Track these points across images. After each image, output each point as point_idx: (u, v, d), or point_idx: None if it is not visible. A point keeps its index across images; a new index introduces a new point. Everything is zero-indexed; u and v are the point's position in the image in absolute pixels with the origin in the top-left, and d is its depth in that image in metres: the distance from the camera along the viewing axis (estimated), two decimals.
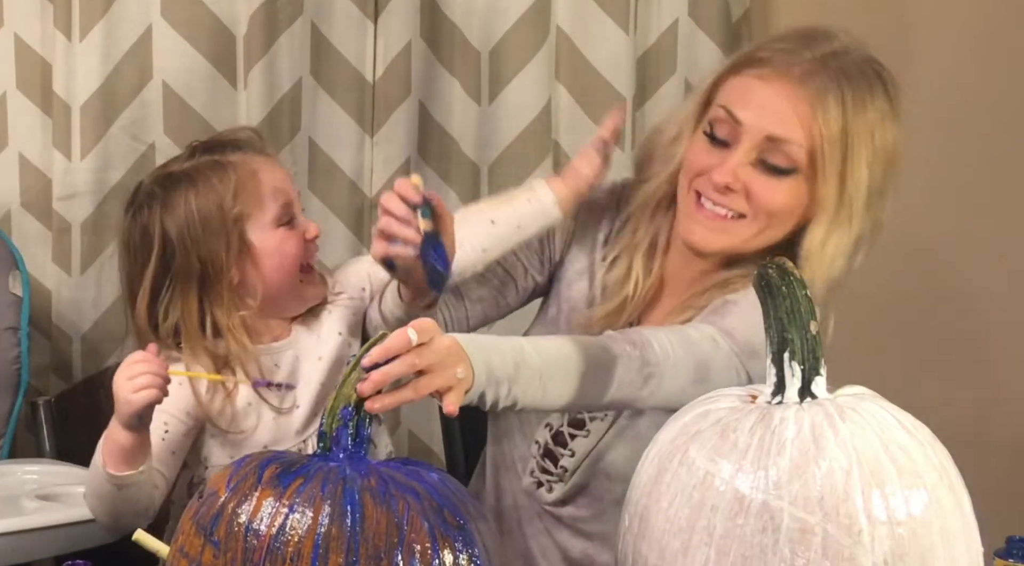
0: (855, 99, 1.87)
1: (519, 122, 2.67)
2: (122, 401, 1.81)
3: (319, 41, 2.61)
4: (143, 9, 2.54)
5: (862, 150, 1.87)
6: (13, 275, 2.43)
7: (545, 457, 2.06)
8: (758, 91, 1.89)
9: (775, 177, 1.88)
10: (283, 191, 1.97)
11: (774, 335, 1.47)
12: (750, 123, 1.88)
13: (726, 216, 1.91)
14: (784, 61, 1.89)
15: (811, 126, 1.86)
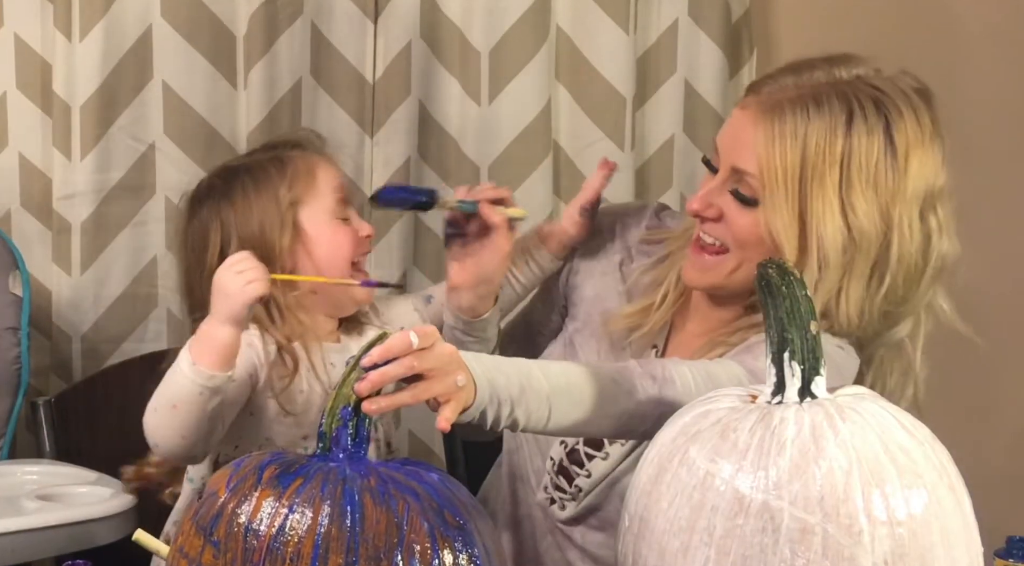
0: (822, 129, 1.78)
1: (519, 122, 2.66)
2: (233, 293, 1.84)
3: (319, 41, 2.61)
4: (143, 9, 2.53)
5: (827, 186, 1.78)
6: (13, 275, 2.43)
7: (559, 475, 2.03)
8: (735, 120, 1.87)
9: (744, 207, 1.83)
10: (339, 187, 2.02)
11: (774, 335, 1.47)
12: (722, 153, 1.87)
13: (712, 246, 1.87)
14: (768, 89, 1.84)
15: (764, 157, 1.79)
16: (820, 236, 1.79)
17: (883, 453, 1.40)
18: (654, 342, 2.00)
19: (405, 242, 2.66)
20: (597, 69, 2.69)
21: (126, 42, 2.53)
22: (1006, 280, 2.84)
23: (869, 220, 1.79)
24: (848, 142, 1.78)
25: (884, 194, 1.80)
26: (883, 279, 1.83)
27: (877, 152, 1.79)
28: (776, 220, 1.80)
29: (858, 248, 1.80)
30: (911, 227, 1.82)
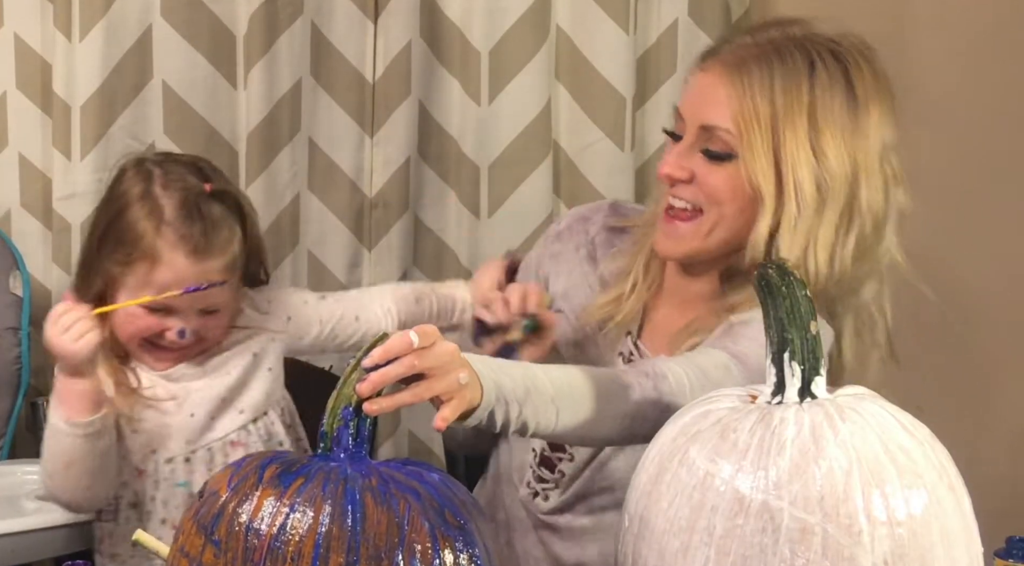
0: (786, 76, 1.84)
1: (519, 122, 2.66)
2: (67, 354, 1.85)
3: (319, 41, 2.61)
4: (143, 9, 2.54)
5: (798, 130, 1.84)
6: (13, 275, 2.43)
7: (541, 465, 2.05)
8: (696, 82, 1.92)
9: (716, 164, 1.87)
10: (171, 288, 1.93)
11: (774, 335, 1.47)
12: (687, 114, 1.91)
13: (684, 211, 1.90)
14: (727, 50, 1.90)
15: (737, 110, 1.85)
16: (797, 180, 1.84)
17: (883, 453, 1.40)
18: (628, 329, 2.02)
19: (405, 242, 2.66)
20: (597, 69, 2.69)
21: (126, 42, 2.54)
22: (1005, 280, 2.84)
23: (839, 164, 1.84)
24: (812, 90, 1.84)
25: (849, 140, 1.85)
26: (852, 225, 1.87)
27: (840, 100, 1.86)
28: (755, 168, 1.84)
29: (829, 192, 1.84)
30: (874, 173, 1.87)
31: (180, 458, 2.00)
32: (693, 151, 1.89)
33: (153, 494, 1.99)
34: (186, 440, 2.01)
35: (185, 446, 2.01)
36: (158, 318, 1.95)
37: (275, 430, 2.07)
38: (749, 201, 1.86)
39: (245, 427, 2.04)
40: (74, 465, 1.90)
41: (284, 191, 2.60)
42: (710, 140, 1.87)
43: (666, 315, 2.02)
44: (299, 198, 2.61)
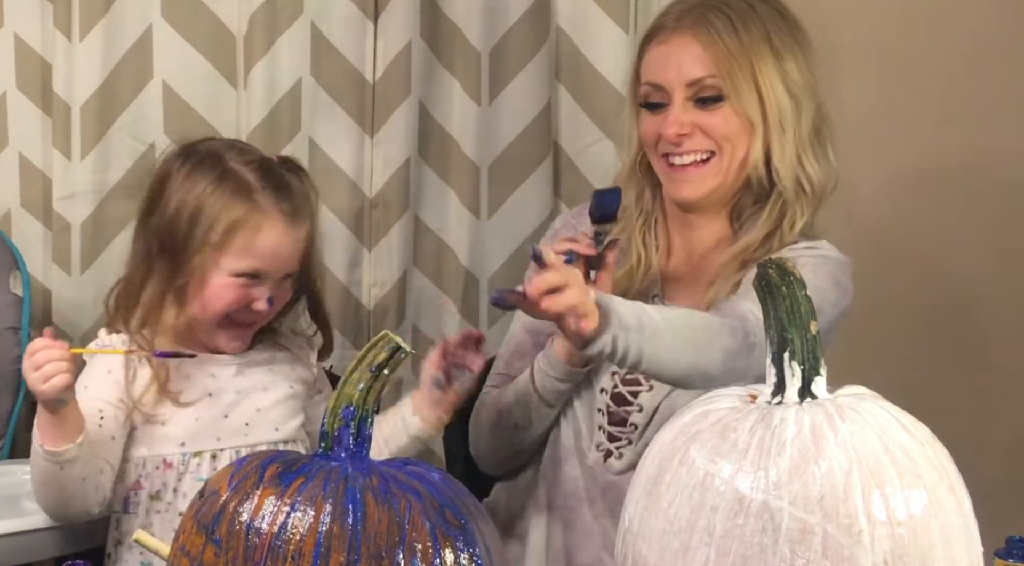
0: (740, 19, 2.07)
1: (519, 122, 2.67)
2: (39, 391, 1.87)
3: (319, 41, 2.61)
4: (143, 9, 2.54)
5: (766, 58, 2.06)
6: (14, 275, 2.43)
7: (612, 423, 2.10)
8: (663, 53, 2.10)
9: (712, 108, 2.06)
10: (268, 259, 2.01)
11: (774, 335, 1.47)
12: (670, 80, 2.08)
13: (698, 162, 2.08)
14: (674, 20, 2.10)
15: (715, 56, 2.05)
16: (776, 99, 2.07)
17: (883, 453, 1.40)
18: (653, 292, 2.13)
19: (405, 242, 2.66)
20: (597, 69, 2.69)
21: (126, 42, 2.54)
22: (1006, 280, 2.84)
23: (801, 77, 2.08)
24: (763, 23, 2.08)
25: (800, 56, 2.10)
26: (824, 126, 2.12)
27: (782, 25, 2.10)
28: (742, 99, 2.06)
29: (801, 102, 2.08)
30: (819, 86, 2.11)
31: (207, 455, 2.03)
32: (686, 108, 2.07)
33: (176, 486, 2.02)
34: (216, 437, 2.04)
35: (215, 443, 2.04)
36: (248, 289, 2.01)
37: None
38: (748, 131, 2.07)
39: (276, 444, 2.08)
40: (48, 487, 1.93)
41: None
42: (700, 90, 2.07)
43: (686, 272, 2.15)
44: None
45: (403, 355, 1.49)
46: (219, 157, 2.03)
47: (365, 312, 2.66)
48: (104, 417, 1.98)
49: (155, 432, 2.02)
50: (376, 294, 2.65)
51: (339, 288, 2.65)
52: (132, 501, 2.02)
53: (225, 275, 2.00)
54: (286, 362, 2.12)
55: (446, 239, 2.69)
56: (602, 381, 2.12)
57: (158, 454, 2.02)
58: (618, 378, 2.11)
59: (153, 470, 2.02)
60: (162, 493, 2.02)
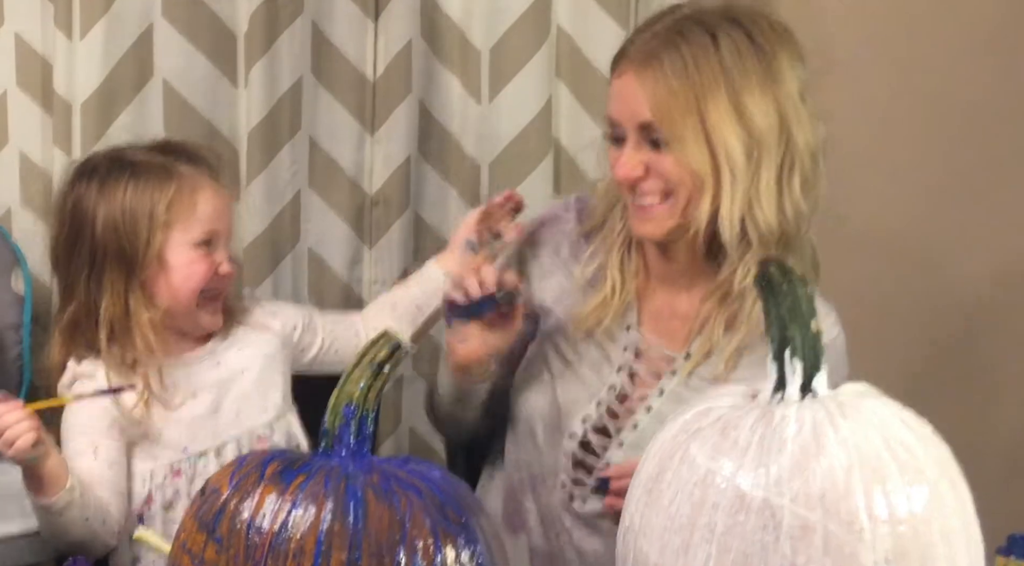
0: (696, 57, 1.92)
1: (520, 120, 2.67)
2: (9, 455, 1.88)
3: (319, 40, 2.61)
4: (143, 8, 2.54)
5: (718, 102, 1.92)
6: (15, 273, 2.43)
7: (577, 468, 2.07)
8: (618, 88, 2.00)
9: (665, 151, 1.95)
10: (214, 219, 2.06)
11: (775, 333, 1.47)
12: (622, 119, 1.98)
13: (654, 204, 1.98)
14: (634, 49, 1.99)
15: (659, 102, 1.93)
16: (727, 148, 1.92)
17: (884, 450, 1.40)
18: (626, 324, 2.08)
19: (405, 240, 2.66)
20: (597, 67, 2.69)
21: (127, 40, 2.54)
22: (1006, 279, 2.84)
23: (764, 117, 1.93)
24: (722, 59, 1.93)
25: (769, 91, 1.94)
26: (794, 167, 1.96)
27: (749, 58, 1.94)
28: (687, 153, 1.93)
29: (762, 147, 1.93)
30: (800, 112, 1.96)
31: (212, 452, 2.05)
32: (639, 147, 1.97)
33: (189, 489, 2.03)
34: (214, 433, 2.05)
35: (214, 439, 2.05)
36: (209, 259, 2.05)
37: (294, 431, 2.14)
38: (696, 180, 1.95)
39: (269, 424, 2.09)
40: (56, 535, 1.95)
41: (285, 189, 2.60)
42: (651, 132, 1.95)
43: (661, 299, 2.08)
44: (300, 196, 2.61)
45: (404, 352, 1.49)
46: (120, 158, 2.07)
47: None
48: (99, 449, 2.00)
49: (156, 443, 2.03)
50: (377, 292, 2.65)
51: (340, 286, 2.65)
52: (147, 516, 2.03)
53: (186, 250, 2.03)
54: (250, 333, 2.13)
55: (447, 237, 2.68)
56: (571, 426, 2.08)
57: (165, 463, 2.03)
58: (589, 424, 2.07)
59: (163, 480, 2.02)
60: (175, 502, 2.02)
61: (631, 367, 2.07)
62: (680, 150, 1.93)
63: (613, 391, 2.07)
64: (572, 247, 2.13)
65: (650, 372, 2.07)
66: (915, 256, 2.79)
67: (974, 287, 2.84)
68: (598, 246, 2.10)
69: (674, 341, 2.07)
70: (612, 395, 2.07)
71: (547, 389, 2.10)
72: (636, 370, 2.07)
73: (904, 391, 1.51)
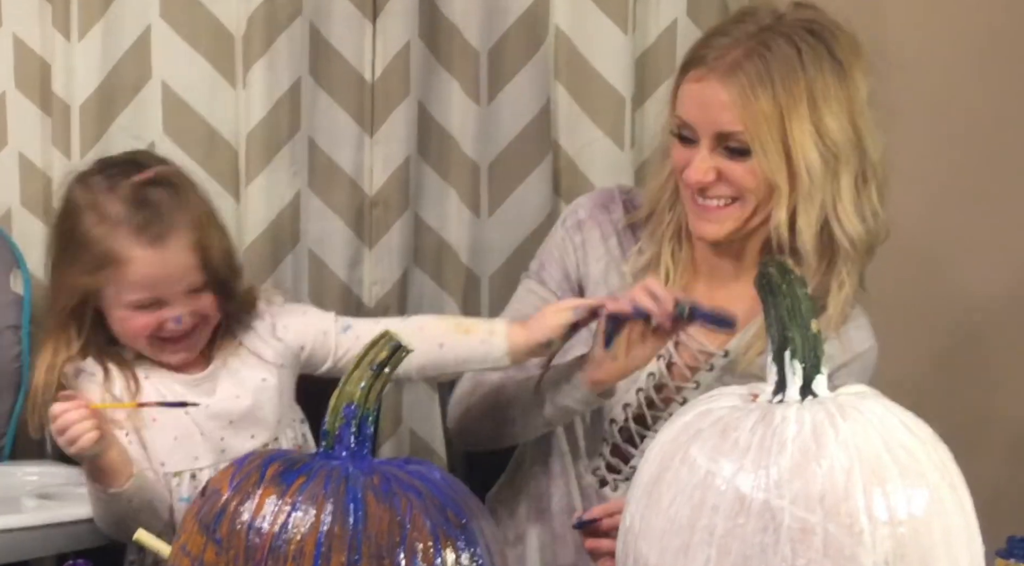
0: (780, 70, 1.97)
1: (518, 122, 2.67)
2: (72, 452, 1.91)
3: (318, 41, 2.61)
4: (142, 9, 2.53)
5: (801, 117, 1.96)
6: (14, 274, 2.43)
7: (615, 455, 2.10)
8: (697, 93, 2.02)
9: (740, 159, 1.99)
10: (152, 285, 2.00)
11: (775, 333, 1.47)
12: (699, 125, 2.01)
13: (720, 206, 2.02)
14: (714, 55, 2.00)
15: (745, 113, 1.96)
16: (807, 162, 1.97)
17: (885, 452, 1.40)
18: None
19: (405, 241, 2.66)
20: (596, 69, 2.69)
21: (125, 42, 2.53)
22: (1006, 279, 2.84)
23: (842, 133, 1.99)
24: (806, 73, 1.98)
25: (846, 106, 2.00)
26: (868, 178, 2.03)
27: (829, 73, 1.99)
28: (768, 163, 1.97)
29: (839, 160, 1.99)
30: (871, 124, 2.03)
31: (187, 474, 2.04)
32: (714, 153, 2.00)
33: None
34: (194, 456, 2.04)
35: (192, 462, 2.04)
36: (151, 313, 2.00)
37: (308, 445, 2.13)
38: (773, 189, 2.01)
39: (276, 440, 2.08)
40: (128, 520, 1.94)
41: (284, 190, 2.59)
42: (728, 140, 1.99)
43: (706, 294, 2.10)
44: (299, 197, 2.61)
45: (404, 353, 1.50)
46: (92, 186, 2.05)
47: (366, 311, 2.66)
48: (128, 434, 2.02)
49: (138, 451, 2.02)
50: (377, 293, 2.65)
51: (340, 287, 2.64)
52: None
53: (122, 309, 2.01)
54: (249, 358, 2.10)
55: (446, 238, 2.69)
56: (613, 412, 2.11)
57: None
58: (630, 412, 2.10)
59: None
60: None
61: (670, 356, 2.10)
62: (760, 161, 1.97)
63: (652, 379, 2.10)
64: (619, 237, 2.16)
65: (687, 365, 2.10)
66: (915, 255, 2.79)
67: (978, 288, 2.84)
68: (647, 238, 2.13)
69: (715, 337, 2.09)
70: (651, 383, 2.10)
71: None
72: (674, 360, 2.10)
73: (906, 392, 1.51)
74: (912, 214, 2.73)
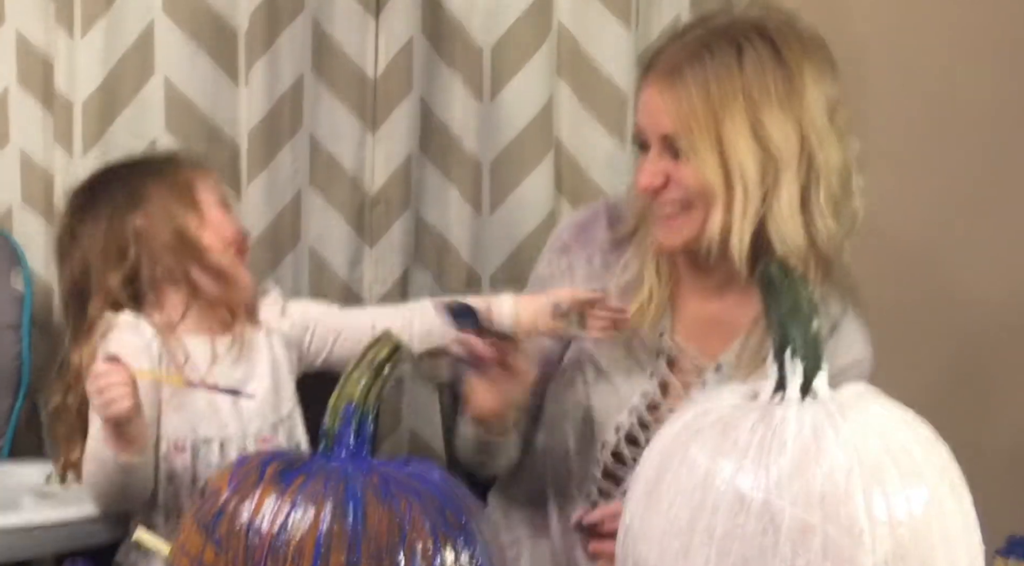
0: (719, 71, 1.93)
1: (521, 119, 2.66)
2: (101, 414, 1.93)
3: (320, 37, 2.61)
4: (144, 6, 2.54)
5: (737, 120, 1.92)
6: (15, 272, 2.43)
7: (606, 478, 2.09)
8: (644, 95, 2.01)
9: (683, 162, 1.96)
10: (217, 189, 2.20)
11: (776, 332, 1.47)
12: (646, 128, 2.00)
13: (672, 215, 1.99)
14: (661, 58, 2.00)
15: (678, 114, 1.94)
16: (740, 165, 1.92)
17: (884, 453, 1.39)
18: (660, 330, 2.08)
19: (406, 239, 2.66)
20: (599, 65, 2.68)
21: (128, 38, 2.54)
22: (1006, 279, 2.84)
23: (782, 135, 1.93)
24: (744, 73, 1.93)
25: (789, 109, 1.93)
26: (818, 186, 1.95)
27: (772, 73, 1.93)
28: (701, 166, 1.93)
29: (779, 163, 1.93)
30: (825, 131, 1.95)
31: (216, 442, 2.06)
32: (662, 157, 1.98)
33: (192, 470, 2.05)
34: (220, 424, 2.07)
35: (219, 431, 2.07)
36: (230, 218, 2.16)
37: (297, 432, 2.14)
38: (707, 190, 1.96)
39: (274, 425, 2.10)
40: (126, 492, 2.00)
41: (285, 188, 2.60)
42: (671, 144, 1.96)
43: (693, 307, 2.09)
44: (300, 195, 2.61)
45: (404, 353, 1.49)
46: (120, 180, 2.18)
47: None
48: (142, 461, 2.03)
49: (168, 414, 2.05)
50: (378, 292, 2.65)
51: (340, 285, 2.64)
52: None
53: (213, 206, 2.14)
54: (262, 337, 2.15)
55: (448, 236, 2.68)
56: (605, 434, 2.10)
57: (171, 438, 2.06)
58: (622, 433, 2.09)
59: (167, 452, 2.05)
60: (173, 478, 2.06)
61: (663, 375, 2.08)
62: (695, 163, 1.94)
63: (645, 398, 2.08)
64: (604, 256, 2.13)
65: (682, 382, 2.09)
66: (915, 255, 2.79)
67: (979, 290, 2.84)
68: (632, 253, 2.11)
69: (706, 349, 2.08)
70: (644, 402, 2.08)
71: (581, 396, 2.11)
72: (668, 380, 2.09)
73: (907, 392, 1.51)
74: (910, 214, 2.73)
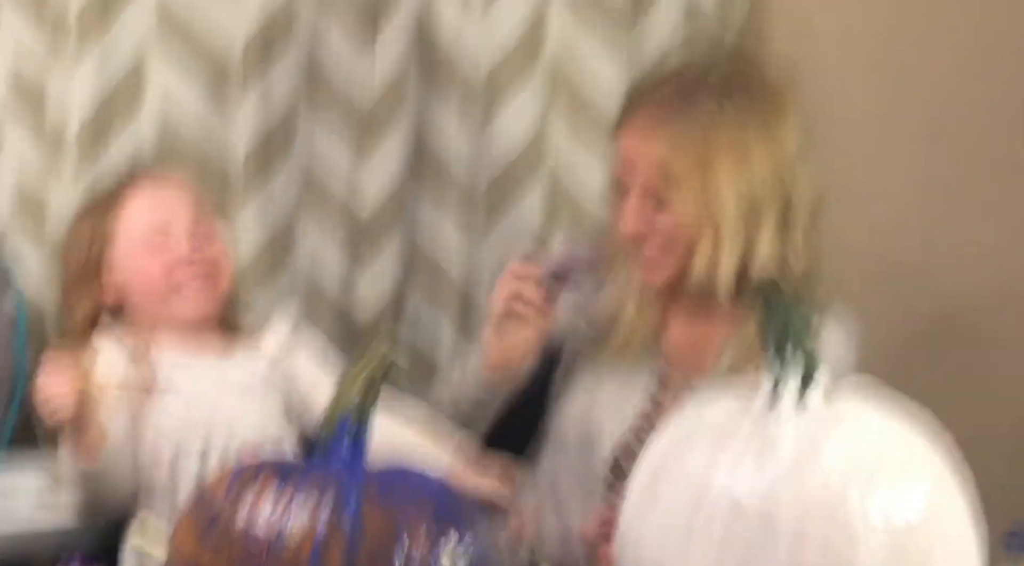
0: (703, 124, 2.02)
1: (514, 147, 2.67)
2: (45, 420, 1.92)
3: (313, 67, 2.61)
4: (137, 36, 2.54)
5: (719, 169, 2.01)
6: (8, 295, 2.43)
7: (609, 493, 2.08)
8: (623, 145, 2.10)
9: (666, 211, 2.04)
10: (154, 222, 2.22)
11: (771, 341, 1.47)
12: (625, 176, 2.08)
13: (656, 257, 2.06)
14: (641, 109, 2.08)
15: (662, 165, 2.02)
16: (725, 212, 2.00)
17: (880, 457, 1.40)
18: (651, 352, 2.13)
19: (399, 265, 2.66)
20: (591, 95, 2.70)
21: (120, 68, 2.54)
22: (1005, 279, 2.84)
23: (763, 182, 2.02)
24: (724, 121, 2.02)
25: (769, 157, 2.03)
26: (794, 223, 2.04)
27: (752, 124, 2.03)
28: (684, 211, 2.02)
29: (760, 209, 2.02)
30: (799, 172, 2.05)
31: (195, 453, 2.05)
32: (643, 204, 2.06)
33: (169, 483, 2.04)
34: (202, 436, 2.06)
35: (200, 442, 2.06)
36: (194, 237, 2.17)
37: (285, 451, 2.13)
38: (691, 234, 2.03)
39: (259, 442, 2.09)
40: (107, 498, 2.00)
41: (278, 214, 2.60)
42: (655, 191, 2.04)
43: (682, 330, 2.14)
44: (293, 221, 2.61)
45: (396, 367, 1.50)
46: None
47: (359, 335, 2.65)
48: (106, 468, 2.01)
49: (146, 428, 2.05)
50: (370, 317, 2.65)
51: (333, 312, 2.64)
52: None
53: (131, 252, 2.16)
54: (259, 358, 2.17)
55: (440, 262, 2.68)
56: (603, 451, 2.11)
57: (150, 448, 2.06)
58: (620, 451, 2.10)
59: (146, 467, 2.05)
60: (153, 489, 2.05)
61: (656, 395, 2.11)
62: (680, 210, 2.01)
63: (640, 418, 2.11)
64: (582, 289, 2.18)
65: (675, 401, 2.08)
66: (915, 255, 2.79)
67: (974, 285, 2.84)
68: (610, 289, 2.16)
69: (698, 371, 2.11)
70: (641, 422, 2.11)
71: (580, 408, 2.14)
72: (661, 400, 2.11)
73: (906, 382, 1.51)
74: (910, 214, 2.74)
